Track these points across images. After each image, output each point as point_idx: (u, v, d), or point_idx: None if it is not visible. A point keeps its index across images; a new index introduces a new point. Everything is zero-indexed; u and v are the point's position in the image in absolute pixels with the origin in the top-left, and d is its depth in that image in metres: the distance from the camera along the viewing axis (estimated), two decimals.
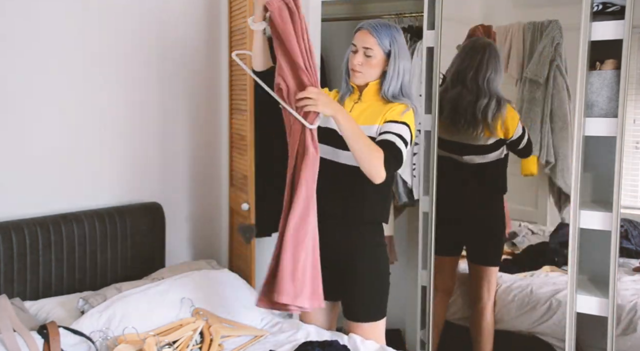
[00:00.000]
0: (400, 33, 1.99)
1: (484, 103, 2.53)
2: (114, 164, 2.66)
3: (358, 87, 2.04)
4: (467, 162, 2.66)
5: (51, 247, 2.35)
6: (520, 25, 2.58)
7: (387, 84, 1.97)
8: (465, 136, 2.61)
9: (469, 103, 2.57)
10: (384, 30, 1.95)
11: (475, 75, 2.55)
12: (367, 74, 1.98)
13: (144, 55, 2.74)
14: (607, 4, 2.21)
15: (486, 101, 2.53)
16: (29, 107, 2.36)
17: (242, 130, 2.78)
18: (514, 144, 2.57)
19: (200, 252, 3.06)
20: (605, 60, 2.26)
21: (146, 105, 2.76)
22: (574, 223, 2.28)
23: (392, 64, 1.96)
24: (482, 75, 2.54)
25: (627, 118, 2.19)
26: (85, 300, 2.20)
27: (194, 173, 3.00)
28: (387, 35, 1.95)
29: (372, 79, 2.00)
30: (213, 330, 2.08)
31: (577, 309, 2.31)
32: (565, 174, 2.50)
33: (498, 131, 2.54)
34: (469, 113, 2.57)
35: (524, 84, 2.56)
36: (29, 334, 1.89)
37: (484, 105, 2.53)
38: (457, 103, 2.59)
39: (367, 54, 1.96)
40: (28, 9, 2.33)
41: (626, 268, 2.53)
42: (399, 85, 1.98)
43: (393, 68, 1.96)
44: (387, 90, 1.97)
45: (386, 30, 1.95)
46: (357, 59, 1.97)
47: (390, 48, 1.95)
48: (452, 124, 2.62)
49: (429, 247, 2.68)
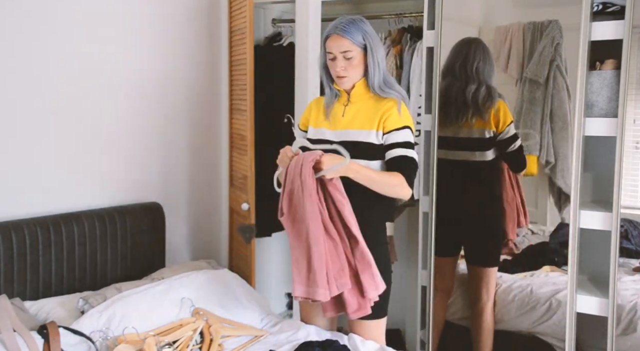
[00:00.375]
0: (365, 22, 1.99)
1: (473, 89, 2.56)
2: (114, 164, 2.66)
3: (345, 90, 2.03)
4: (465, 160, 2.66)
5: (51, 247, 2.35)
6: (520, 25, 2.58)
7: (371, 78, 1.98)
8: (458, 128, 2.61)
9: (458, 90, 2.59)
10: (353, 28, 1.94)
11: (464, 63, 2.58)
12: (352, 75, 1.98)
13: (144, 55, 2.74)
14: (607, 4, 2.20)
15: (475, 87, 2.56)
16: (29, 108, 2.36)
17: (242, 130, 2.78)
18: (503, 144, 2.56)
19: (200, 252, 3.06)
20: (605, 60, 2.26)
21: (146, 105, 2.76)
22: (574, 223, 2.28)
23: (371, 56, 1.96)
24: (469, 64, 2.57)
25: (627, 118, 2.19)
26: (85, 300, 2.20)
27: (194, 173, 3.00)
28: (357, 30, 1.94)
29: (357, 79, 2.00)
30: (213, 330, 2.08)
31: (577, 309, 2.31)
32: (565, 174, 2.50)
33: (490, 120, 2.55)
34: (459, 100, 2.58)
35: (524, 84, 2.56)
36: (29, 334, 1.89)
37: (474, 90, 2.56)
38: (447, 93, 2.61)
39: (346, 57, 1.95)
40: (29, 12, 2.33)
41: (626, 268, 2.53)
42: (382, 75, 1.99)
43: (372, 60, 1.96)
44: (374, 84, 1.98)
45: (355, 26, 1.95)
46: (339, 64, 1.96)
47: (364, 42, 1.95)
48: (445, 116, 2.62)
49: (429, 247, 2.68)
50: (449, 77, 2.62)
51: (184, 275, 2.39)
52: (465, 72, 2.58)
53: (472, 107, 2.57)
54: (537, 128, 2.55)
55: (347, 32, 1.93)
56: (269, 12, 3.35)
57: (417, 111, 2.73)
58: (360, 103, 2.02)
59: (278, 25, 3.31)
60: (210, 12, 3.00)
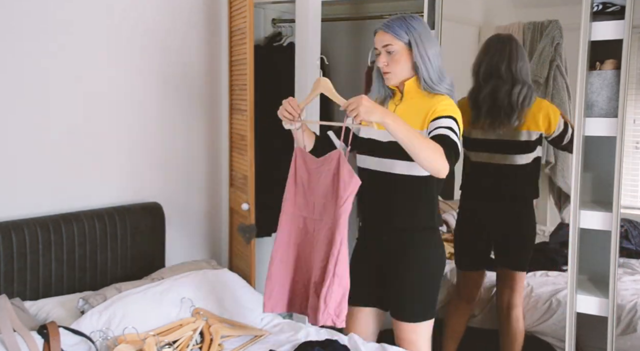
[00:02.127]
0: (418, 20, 1.95)
1: (519, 90, 2.45)
2: (114, 164, 2.65)
3: (398, 89, 2.00)
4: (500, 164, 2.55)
5: (51, 247, 2.35)
6: (520, 25, 2.58)
7: (421, 74, 1.93)
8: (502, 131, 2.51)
9: (506, 93, 2.47)
10: (396, 23, 1.92)
11: (509, 64, 2.47)
12: (396, 71, 1.95)
13: (144, 55, 2.74)
14: (607, 4, 2.20)
15: (520, 87, 2.45)
16: (28, 107, 2.36)
17: (242, 130, 2.78)
18: (556, 141, 2.50)
19: (200, 252, 3.06)
20: (605, 60, 2.26)
21: (146, 105, 2.76)
22: (574, 223, 2.28)
23: (416, 50, 1.91)
24: (514, 65, 2.47)
25: (627, 118, 2.19)
26: (85, 300, 2.20)
27: (194, 173, 3.00)
28: (400, 26, 1.92)
29: (404, 76, 1.96)
30: (213, 330, 2.08)
31: (577, 309, 2.31)
32: (565, 174, 2.50)
33: (540, 124, 2.47)
34: (506, 103, 2.47)
35: None
36: (29, 334, 1.89)
37: (519, 92, 2.45)
38: (496, 96, 2.49)
39: (388, 51, 1.93)
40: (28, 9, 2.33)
41: (626, 268, 2.53)
42: (435, 71, 1.93)
43: (419, 55, 1.91)
44: (424, 80, 1.93)
45: (399, 21, 1.93)
46: (382, 59, 1.94)
47: (408, 37, 1.91)
48: (492, 119, 2.50)
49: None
50: (493, 79, 2.49)
51: (184, 275, 2.39)
52: (511, 73, 2.46)
53: (519, 110, 2.45)
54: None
55: (389, 27, 1.92)
56: (269, 12, 3.35)
57: None
58: (411, 102, 1.98)
59: (278, 25, 3.31)
60: (210, 12, 3.00)
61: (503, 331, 2.63)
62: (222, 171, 3.11)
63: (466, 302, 2.72)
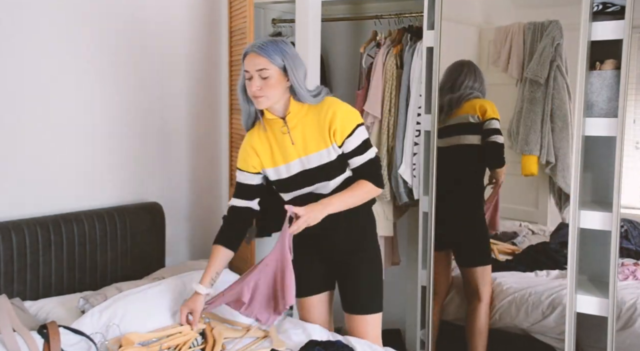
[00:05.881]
0: (288, 44, 1.96)
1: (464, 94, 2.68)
2: (114, 164, 2.65)
3: (281, 117, 2.00)
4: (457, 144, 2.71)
5: (51, 247, 2.35)
6: (520, 25, 2.59)
7: (299, 94, 1.95)
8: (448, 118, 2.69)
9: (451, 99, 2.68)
10: (271, 47, 1.90)
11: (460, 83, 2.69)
12: (269, 95, 1.92)
13: (145, 55, 2.74)
14: (607, 4, 2.21)
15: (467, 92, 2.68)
16: (28, 107, 2.36)
17: (242, 130, 2.78)
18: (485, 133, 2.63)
19: (200, 252, 3.06)
20: (605, 60, 2.27)
21: (146, 105, 2.76)
22: (574, 223, 2.29)
23: (292, 75, 1.92)
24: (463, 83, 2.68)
25: (627, 118, 2.19)
26: (85, 299, 2.20)
27: (194, 173, 3.00)
28: (275, 50, 1.90)
29: (277, 99, 1.95)
30: (216, 332, 2.08)
31: (577, 309, 2.31)
32: (565, 174, 2.50)
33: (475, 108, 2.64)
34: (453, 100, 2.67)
35: (524, 84, 2.56)
36: (29, 334, 1.89)
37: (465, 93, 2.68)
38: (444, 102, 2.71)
39: (262, 76, 1.90)
40: (21, 12, 2.33)
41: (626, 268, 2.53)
42: (309, 88, 2.00)
43: (295, 79, 1.93)
44: (304, 98, 1.97)
45: (273, 46, 1.91)
46: (255, 83, 1.91)
47: (283, 63, 1.91)
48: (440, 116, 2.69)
49: (429, 246, 2.68)
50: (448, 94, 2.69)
51: (184, 275, 2.38)
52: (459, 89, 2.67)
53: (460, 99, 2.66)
54: (537, 128, 2.55)
55: (264, 50, 1.89)
56: (269, 12, 3.35)
57: (417, 111, 2.73)
58: (301, 124, 1.99)
59: (278, 25, 3.31)
60: (210, 12, 3.00)
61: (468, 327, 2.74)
62: (222, 171, 3.11)
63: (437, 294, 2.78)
